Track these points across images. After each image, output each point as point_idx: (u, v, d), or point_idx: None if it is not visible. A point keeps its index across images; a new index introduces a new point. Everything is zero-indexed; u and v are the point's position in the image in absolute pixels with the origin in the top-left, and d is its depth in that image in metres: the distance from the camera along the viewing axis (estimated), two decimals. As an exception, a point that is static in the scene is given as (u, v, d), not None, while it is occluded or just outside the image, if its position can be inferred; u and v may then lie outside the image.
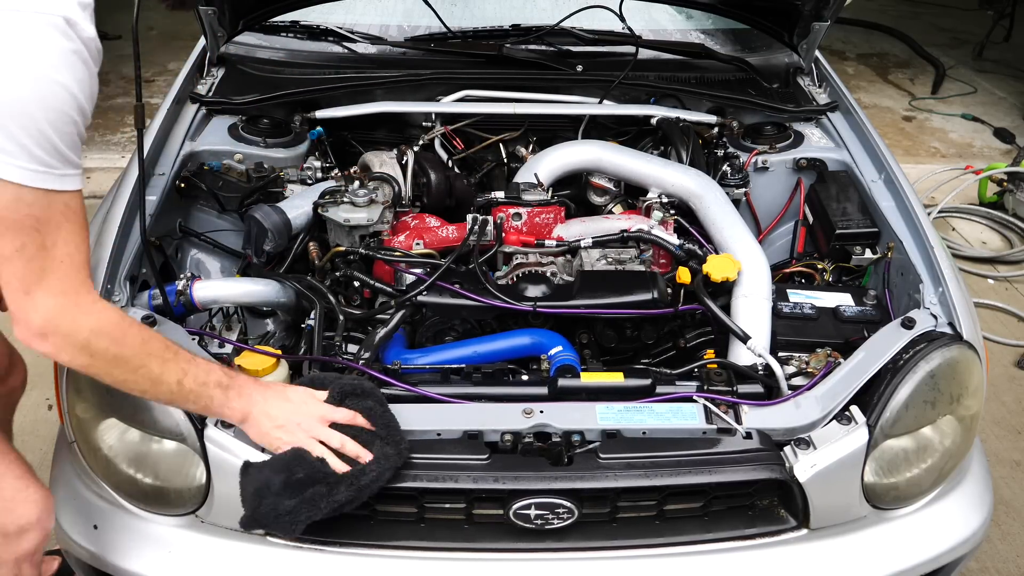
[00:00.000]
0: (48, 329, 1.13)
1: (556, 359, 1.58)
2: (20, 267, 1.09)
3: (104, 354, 1.18)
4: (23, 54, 1.01)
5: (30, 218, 1.07)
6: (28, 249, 1.08)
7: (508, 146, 2.26)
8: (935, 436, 1.54)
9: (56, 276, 1.12)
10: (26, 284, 1.10)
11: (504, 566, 1.44)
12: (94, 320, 1.17)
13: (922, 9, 6.79)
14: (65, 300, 1.14)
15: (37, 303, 1.12)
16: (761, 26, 2.48)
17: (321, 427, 1.34)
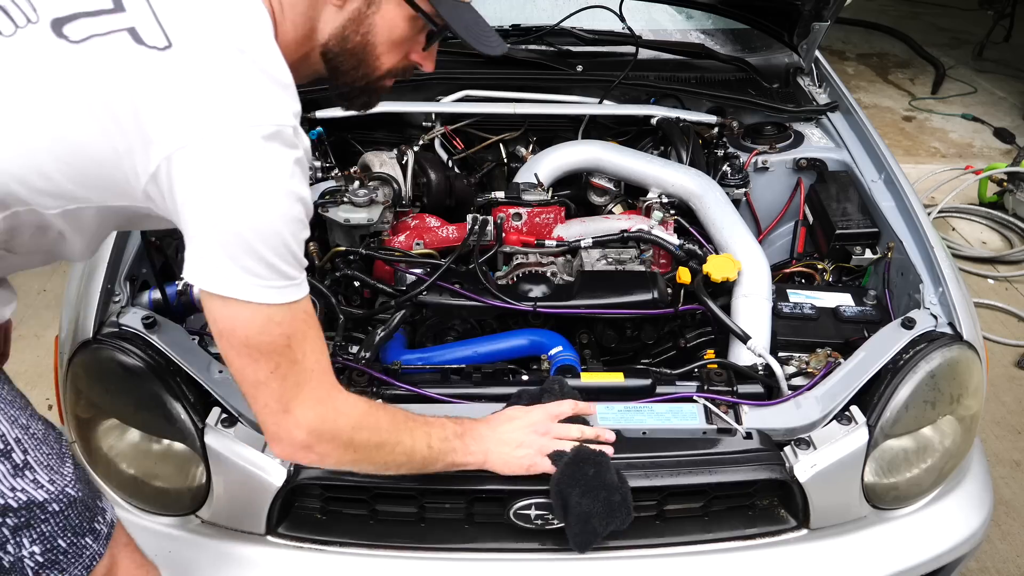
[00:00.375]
0: (312, 440, 1.12)
1: (556, 359, 1.58)
2: (276, 387, 1.08)
3: (367, 445, 1.19)
4: (265, 175, 0.99)
5: (282, 336, 1.05)
6: (282, 367, 1.07)
7: (508, 146, 2.26)
8: (935, 436, 1.54)
9: (310, 386, 1.10)
10: (284, 403, 1.09)
11: (504, 566, 1.44)
12: (352, 417, 1.16)
13: (922, 9, 6.78)
14: (324, 408, 1.13)
15: (298, 418, 1.10)
16: (761, 26, 2.48)
17: (554, 425, 1.34)
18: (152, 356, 1.42)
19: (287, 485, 1.38)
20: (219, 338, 1.06)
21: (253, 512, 1.42)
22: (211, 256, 0.99)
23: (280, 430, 1.12)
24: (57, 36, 0.99)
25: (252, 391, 1.09)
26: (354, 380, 1.47)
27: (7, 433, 1.08)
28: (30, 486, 1.09)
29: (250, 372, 1.07)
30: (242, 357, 1.06)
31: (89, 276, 1.56)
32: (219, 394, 1.42)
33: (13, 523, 1.08)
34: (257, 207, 0.99)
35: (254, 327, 1.03)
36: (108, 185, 1.03)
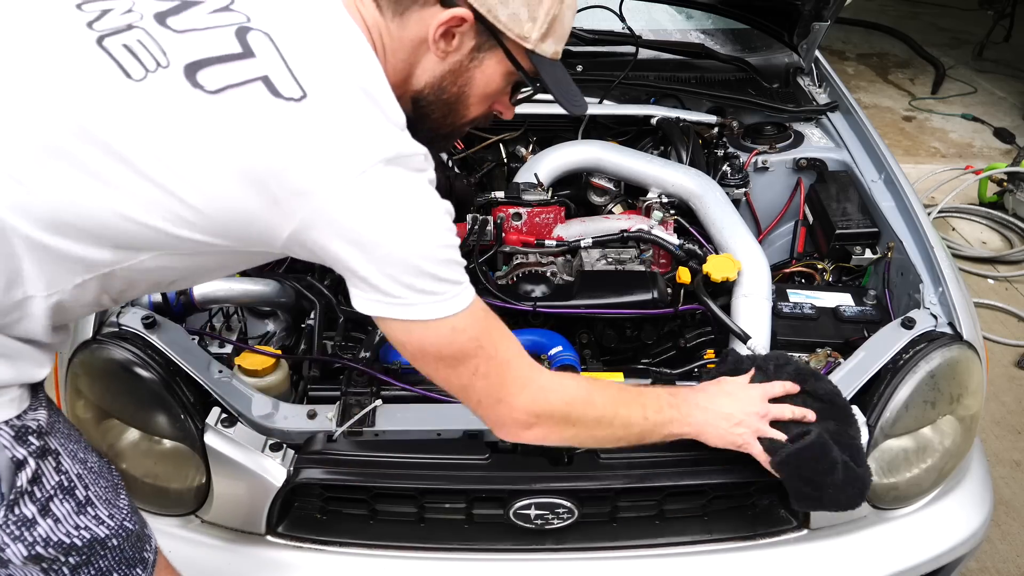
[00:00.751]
0: (531, 420, 1.16)
1: (556, 359, 1.58)
2: (482, 386, 1.12)
3: (584, 419, 1.21)
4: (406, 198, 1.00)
5: (470, 340, 1.08)
6: (481, 367, 1.10)
7: (508, 146, 2.26)
8: (935, 436, 1.54)
9: (512, 375, 1.14)
10: (495, 396, 1.14)
11: (504, 566, 1.44)
12: (562, 394, 1.19)
13: (922, 9, 6.78)
14: (531, 389, 1.16)
15: (513, 405, 1.14)
16: (761, 26, 2.48)
17: (768, 406, 1.34)
18: (152, 356, 1.41)
19: (287, 485, 1.38)
20: (413, 360, 1.10)
21: (253, 512, 1.42)
22: (379, 287, 1.01)
23: (500, 417, 1.16)
24: (193, 85, 0.95)
25: (462, 394, 1.15)
26: (354, 380, 1.47)
27: (70, 470, 1.07)
28: (92, 523, 1.08)
29: (454, 379, 1.12)
30: (441, 370, 1.10)
31: (89, 276, 1.56)
32: (219, 394, 1.42)
33: (75, 562, 1.07)
34: (405, 232, 1.00)
35: (442, 341, 1.06)
36: (244, 236, 1.01)
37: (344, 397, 1.44)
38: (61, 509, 1.05)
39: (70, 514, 1.06)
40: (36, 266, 0.97)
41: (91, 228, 0.96)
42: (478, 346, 1.09)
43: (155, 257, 1.02)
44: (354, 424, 1.40)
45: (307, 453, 1.39)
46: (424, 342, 1.06)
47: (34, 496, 1.02)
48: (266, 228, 0.99)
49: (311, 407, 1.44)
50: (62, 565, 1.06)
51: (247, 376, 1.50)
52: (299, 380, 1.60)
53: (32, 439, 1.03)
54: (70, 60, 0.97)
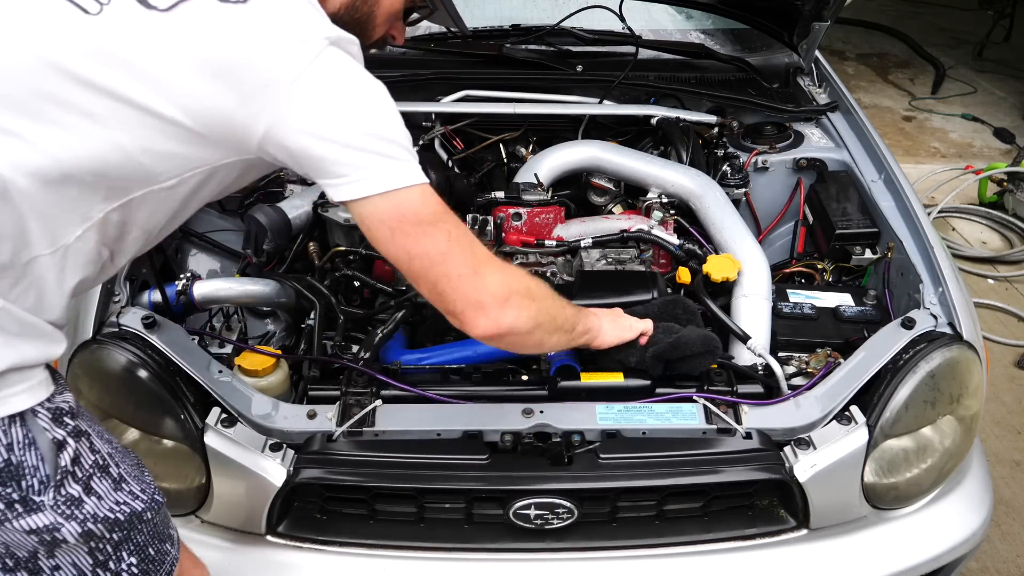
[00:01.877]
0: (507, 292, 1.17)
1: (556, 359, 1.57)
2: (459, 252, 1.13)
3: (541, 295, 1.25)
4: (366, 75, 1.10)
5: (439, 205, 1.13)
6: (453, 233, 1.13)
7: (508, 146, 2.26)
8: (935, 436, 1.54)
9: (479, 246, 1.18)
10: (472, 265, 1.14)
11: (504, 566, 1.44)
12: (518, 270, 1.24)
13: (922, 9, 6.78)
14: (497, 262, 1.20)
15: (487, 276, 1.16)
16: (761, 26, 2.48)
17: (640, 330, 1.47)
18: (152, 356, 1.42)
19: (287, 485, 1.38)
20: (392, 236, 1.11)
21: (253, 512, 1.42)
22: (353, 165, 1.06)
23: (477, 294, 1.15)
24: (146, 8, 1.02)
25: (442, 268, 1.13)
26: (353, 380, 1.47)
27: (101, 449, 1.10)
28: (128, 498, 1.11)
29: (432, 247, 1.12)
30: (420, 237, 1.11)
31: (89, 276, 1.56)
32: (219, 394, 1.42)
33: (118, 538, 1.09)
34: (365, 103, 1.08)
35: (418, 202, 1.10)
36: (224, 137, 1.06)
37: (344, 397, 1.44)
38: (101, 486, 1.08)
39: (109, 491, 1.09)
40: (39, 222, 1.00)
41: (87, 169, 1.01)
42: (446, 211, 1.13)
43: (144, 195, 1.08)
44: (354, 424, 1.41)
45: (307, 453, 1.39)
46: (403, 206, 1.09)
47: (76, 476, 1.05)
48: (243, 125, 1.04)
49: (311, 407, 1.44)
50: (107, 543, 1.09)
51: (247, 376, 1.50)
52: (299, 380, 1.60)
53: (67, 419, 1.06)
54: (31, 10, 1.01)
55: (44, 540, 1.03)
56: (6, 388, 0.98)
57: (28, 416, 1.01)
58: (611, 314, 1.48)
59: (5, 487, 0.98)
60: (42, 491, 1.01)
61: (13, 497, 0.99)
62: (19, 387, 1.00)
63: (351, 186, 1.07)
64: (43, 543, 1.03)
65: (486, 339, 1.19)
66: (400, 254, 1.13)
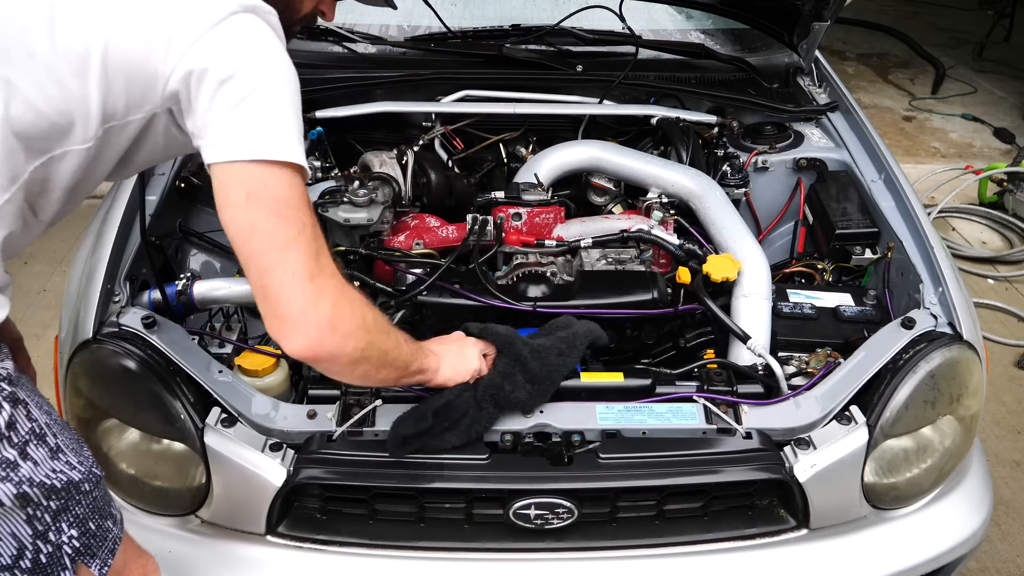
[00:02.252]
0: (338, 316, 1.09)
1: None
2: (304, 249, 1.06)
3: (376, 325, 1.17)
4: (278, 47, 1.10)
5: (304, 196, 1.08)
6: (307, 229, 1.08)
7: (508, 146, 2.26)
8: (935, 436, 1.54)
9: (326, 255, 1.10)
10: (310, 269, 1.07)
11: (504, 566, 1.44)
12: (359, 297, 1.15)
13: (922, 9, 6.78)
14: (339, 277, 1.12)
15: (324, 292, 1.08)
16: (761, 26, 2.48)
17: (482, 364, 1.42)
18: (152, 356, 1.42)
19: (287, 485, 1.38)
20: (246, 202, 1.06)
21: (253, 512, 1.42)
22: (239, 126, 1.06)
23: (308, 305, 1.07)
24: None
25: (279, 256, 1.06)
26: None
27: (39, 418, 1.11)
28: (65, 467, 1.11)
29: (281, 230, 1.06)
30: (271, 216, 1.06)
31: (89, 276, 1.56)
32: (219, 394, 1.42)
33: (56, 506, 1.10)
34: (267, 68, 1.08)
35: (287, 181, 1.06)
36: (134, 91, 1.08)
37: (344, 397, 1.44)
38: (37, 453, 1.08)
39: (45, 458, 1.09)
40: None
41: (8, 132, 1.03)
42: (308, 205, 1.09)
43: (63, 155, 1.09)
44: (354, 424, 1.41)
45: (307, 453, 1.39)
46: (268, 179, 1.05)
47: (12, 440, 1.05)
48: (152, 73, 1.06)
49: (311, 407, 1.44)
50: (45, 512, 1.09)
51: (247, 376, 1.50)
52: (299, 380, 1.60)
53: (4, 385, 1.07)
54: None
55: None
56: None
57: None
58: (453, 353, 1.39)
59: None
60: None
61: None
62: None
63: (223, 146, 1.06)
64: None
65: (299, 357, 1.10)
66: (244, 224, 1.06)
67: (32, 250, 3.48)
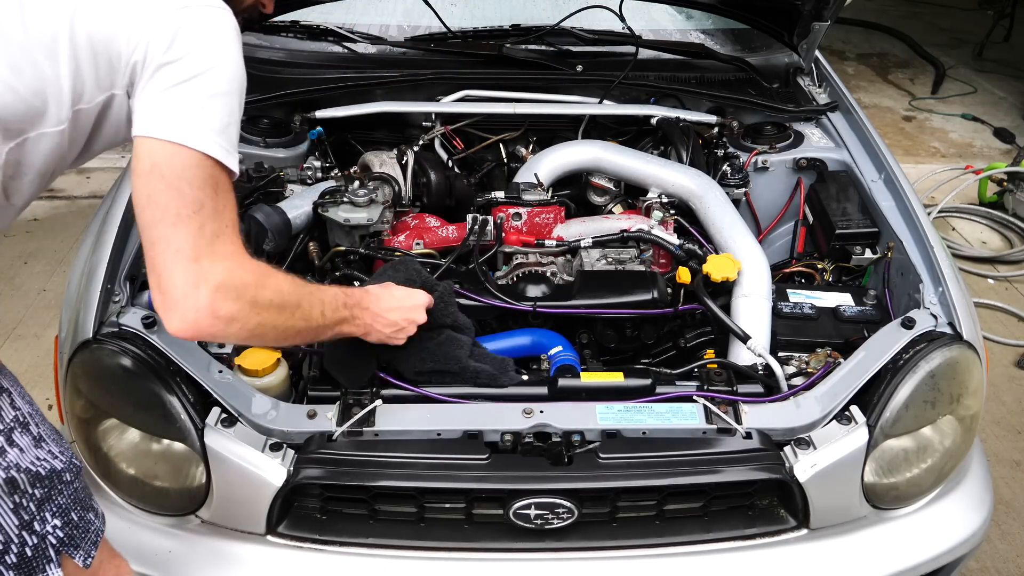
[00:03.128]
0: (218, 299, 1.08)
1: (556, 359, 1.58)
2: (194, 230, 1.06)
3: (270, 306, 1.16)
4: (233, 45, 1.12)
5: (212, 180, 1.09)
6: (206, 209, 1.07)
7: (508, 146, 2.26)
8: (935, 436, 1.54)
9: (223, 240, 1.10)
10: (197, 250, 1.07)
11: (504, 566, 1.44)
12: (257, 275, 1.15)
13: (922, 9, 6.78)
14: (232, 262, 1.11)
15: (206, 271, 1.07)
16: (761, 26, 2.48)
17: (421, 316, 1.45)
18: (152, 356, 1.42)
19: (287, 485, 1.38)
20: (149, 172, 1.07)
21: (253, 512, 1.42)
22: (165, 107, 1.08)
23: (187, 287, 1.06)
24: None
25: (167, 230, 1.06)
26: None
27: (22, 407, 1.12)
28: (48, 456, 1.13)
29: (173, 207, 1.06)
30: (169, 191, 1.06)
31: (89, 276, 1.56)
32: (219, 394, 1.42)
33: (40, 495, 1.11)
34: (215, 54, 1.10)
35: (194, 165, 1.07)
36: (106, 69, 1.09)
37: (344, 397, 1.44)
38: (22, 441, 1.10)
39: (30, 446, 1.11)
40: None
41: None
42: (215, 190, 1.09)
43: (37, 137, 1.10)
44: (354, 424, 1.41)
45: (307, 453, 1.39)
46: (175, 161, 1.07)
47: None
48: (118, 52, 1.08)
49: (311, 407, 1.45)
50: (30, 500, 1.10)
51: (247, 376, 1.50)
52: (299, 380, 1.60)
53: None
54: None
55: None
56: None
57: None
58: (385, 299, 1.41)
59: None
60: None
61: None
62: None
63: (151, 124, 1.08)
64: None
65: (177, 336, 1.11)
66: (143, 194, 1.08)
67: (32, 250, 3.48)
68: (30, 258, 3.46)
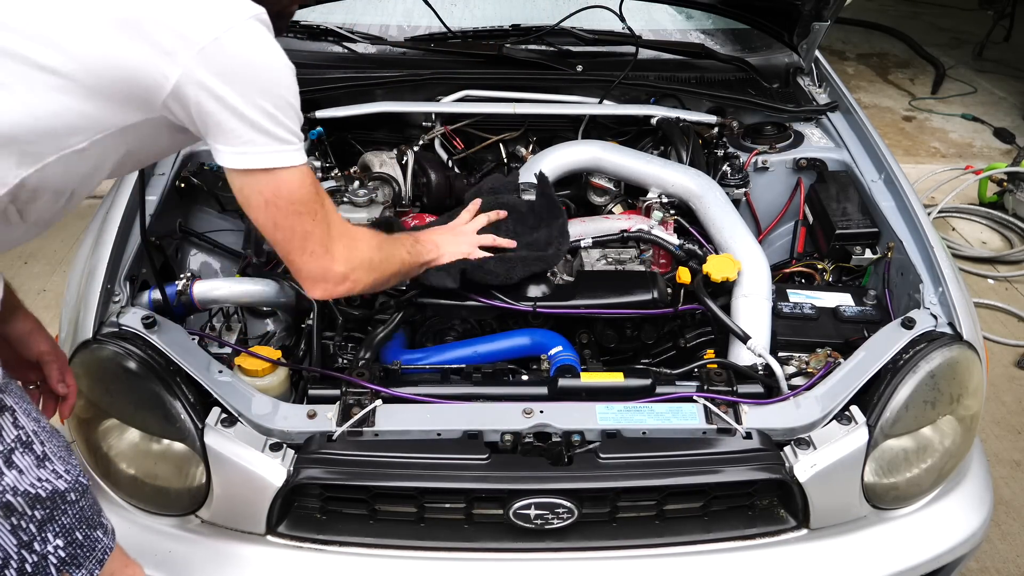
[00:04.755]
0: (348, 269, 1.31)
1: (556, 359, 1.58)
2: (320, 233, 1.26)
3: (381, 262, 1.41)
4: (270, 52, 1.13)
5: (313, 186, 1.23)
6: (319, 213, 1.25)
7: (508, 146, 2.26)
8: (935, 436, 1.54)
9: (336, 226, 1.30)
10: (326, 244, 1.27)
11: (504, 566, 1.44)
12: (368, 242, 1.38)
13: (922, 9, 6.78)
14: (349, 239, 1.32)
15: (336, 254, 1.29)
16: (761, 26, 2.48)
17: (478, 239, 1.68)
18: (152, 356, 1.42)
19: (287, 485, 1.38)
20: (265, 207, 1.20)
21: (253, 512, 1.42)
22: (246, 138, 1.12)
23: (325, 272, 1.29)
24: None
25: (301, 244, 1.25)
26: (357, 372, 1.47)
27: (27, 426, 1.11)
28: (51, 476, 1.11)
29: (299, 225, 1.23)
30: (291, 216, 1.22)
31: (89, 276, 1.56)
32: (219, 394, 1.42)
33: (40, 516, 1.10)
34: (271, 78, 1.13)
35: (295, 183, 1.19)
36: (132, 97, 1.09)
37: (344, 397, 1.44)
38: (23, 462, 1.08)
39: (31, 467, 1.09)
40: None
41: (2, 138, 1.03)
42: (317, 193, 1.24)
43: (57, 160, 1.09)
44: (354, 424, 1.41)
45: (307, 453, 1.39)
46: (280, 185, 1.18)
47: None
48: (151, 80, 1.07)
49: (311, 407, 1.45)
50: (29, 521, 1.09)
51: (247, 376, 1.50)
52: (299, 380, 1.60)
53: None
54: None
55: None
56: None
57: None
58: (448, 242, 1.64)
59: None
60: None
61: None
62: None
63: (240, 156, 1.14)
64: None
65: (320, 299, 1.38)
66: (268, 223, 1.22)
67: (32, 250, 3.48)
68: (30, 258, 3.46)
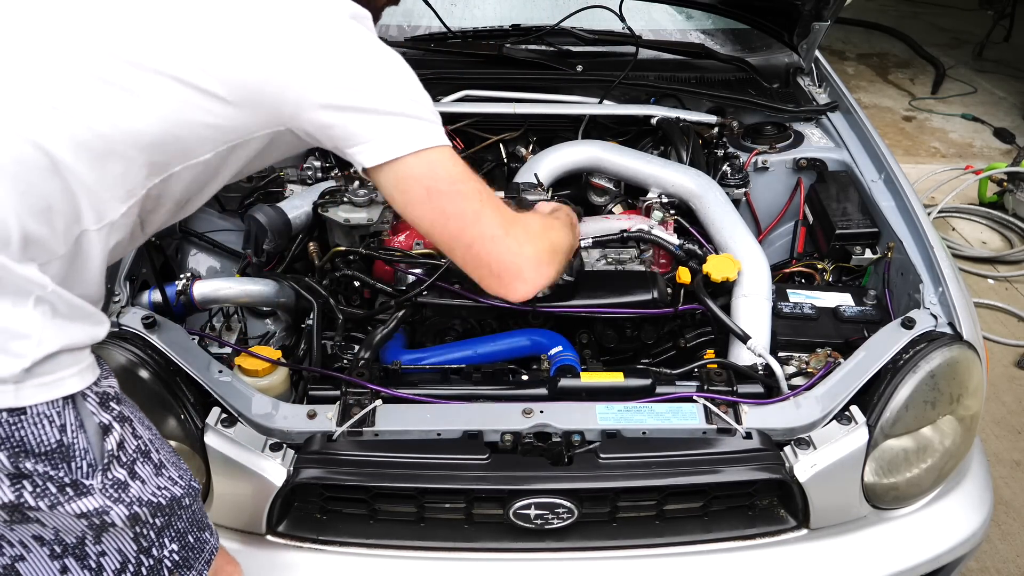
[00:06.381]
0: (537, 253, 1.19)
1: (556, 359, 1.58)
2: (491, 211, 1.15)
3: (561, 244, 1.30)
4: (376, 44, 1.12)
5: (466, 166, 1.15)
6: (482, 192, 1.15)
7: (508, 146, 2.26)
8: (935, 436, 1.54)
9: (504, 206, 1.18)
10: (503, 225, 1.15)
11: (504, 566, 1.44)
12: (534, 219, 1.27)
13: (922, 9, 6.78)
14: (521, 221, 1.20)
15: (517, 235, 1.16)
16: (761, 26, 2.48)
17: None
18: (152, 356, 1.42)
19: (287, 485, 1.38)
20: (428, 196, 1.12)
21: (253, 512, 1.42)
22: (382, 128, 1.09)
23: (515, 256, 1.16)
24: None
25: (477, 228, 1.14)
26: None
27: (143, 435, 1.11)
28: (168, 483, 1.12)
29: (468, 206, 1.13)
30: (456, 196, 1.12)
31: (89, 276, 1.56)
32: (219, 394, 1.42)
33: (160, 523, 1.11)
34: (392, 68, 1.12)
35: (449, 161, 1.12)
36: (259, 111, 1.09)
37: (344, 397, 1.44)
38: (144, 471, 1.09)
39: (151, 476, 1.10)
40: (88, 198, 1.01)
41: (130, 144, 1.03)
42: (472, 171, 1.16)
43: (181, 171, 1.09)
44: (354, 424, 1.41)
45: (307, 453, 1.39)
46: (435, 166, 1.11)
47: (121, 460, 1.06)
48: (275, 95, 1.07)
49: (311, 407, 1.45)
50: (150, 529, 1.10)
51: (247, 376, 1.50)
52: (299, 380, 1.60)
53: (113, 404, 1.07)
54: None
55: (93, 524, 1.03)
56: (59, 370, 0.99)
57: (78, 399, 1.02)
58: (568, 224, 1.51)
59: (57, 470, 0.99)
60: (91, 474, 1.02)
61: (65, 480, 1.00)
62: (70, 370, 1.00)
63: (383, 148, 1.09)
64: (92, 527, 1.04)
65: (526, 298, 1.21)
66: (436, 215, 1.13)
67: (32, 250, 3.47)
68: (30, 258, 3.46)
